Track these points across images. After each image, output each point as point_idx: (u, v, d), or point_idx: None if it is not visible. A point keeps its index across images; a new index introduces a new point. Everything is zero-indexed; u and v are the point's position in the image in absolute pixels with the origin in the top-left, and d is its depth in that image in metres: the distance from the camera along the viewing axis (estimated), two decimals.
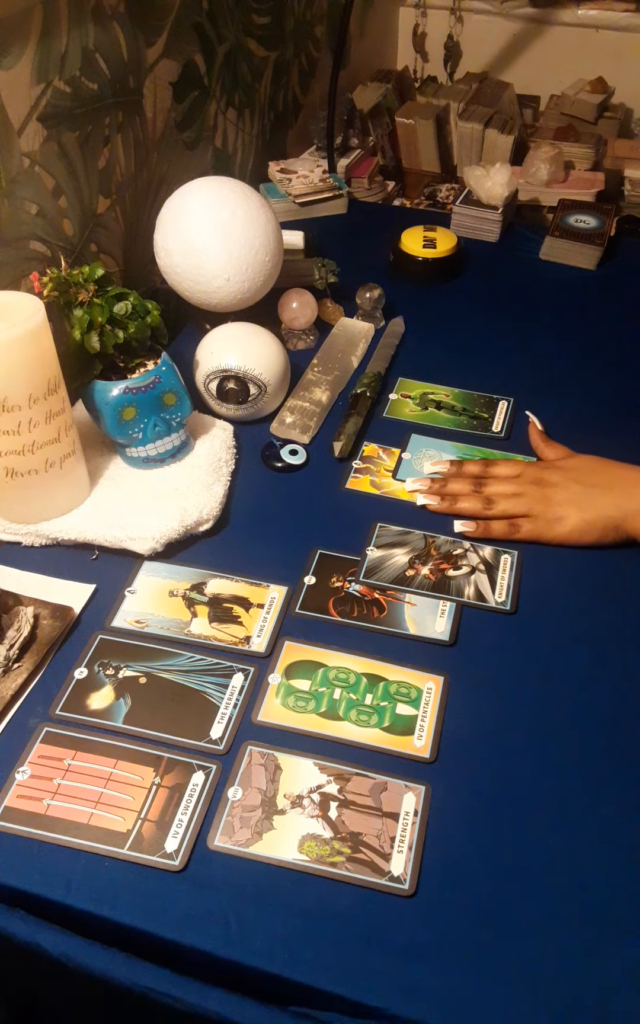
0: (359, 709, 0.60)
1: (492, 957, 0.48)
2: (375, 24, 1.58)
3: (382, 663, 0.63)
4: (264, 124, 1.25)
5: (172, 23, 0.95)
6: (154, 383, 0.71)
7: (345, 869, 0.51)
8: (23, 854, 0.52)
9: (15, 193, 0.78)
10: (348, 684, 0.61)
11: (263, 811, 0.54)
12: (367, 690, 0.61)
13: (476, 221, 1.13)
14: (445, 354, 0.93)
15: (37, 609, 0.64)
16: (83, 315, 0.67)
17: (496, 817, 0.54)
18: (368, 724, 0.59)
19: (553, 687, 0.61)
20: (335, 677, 0.62)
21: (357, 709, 0.60)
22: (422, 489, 0.75)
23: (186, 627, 0.65)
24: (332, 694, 0.61)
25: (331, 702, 0.60)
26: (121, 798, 0.55)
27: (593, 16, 1.54)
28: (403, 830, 0.53)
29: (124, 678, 0.61)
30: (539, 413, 0.84)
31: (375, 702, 0.60)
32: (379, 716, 0.59)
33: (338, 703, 0.60)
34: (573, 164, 1.34)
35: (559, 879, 0.52)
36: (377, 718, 0.59)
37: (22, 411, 0.62)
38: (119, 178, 0.94)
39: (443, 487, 0.75)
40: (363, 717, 0.59)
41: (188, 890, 0.51)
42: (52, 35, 0.77)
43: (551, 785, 0.56)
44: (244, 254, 0.82)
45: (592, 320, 0.99)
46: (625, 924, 0.50)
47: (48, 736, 0.58)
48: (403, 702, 0.60)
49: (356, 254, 1.07)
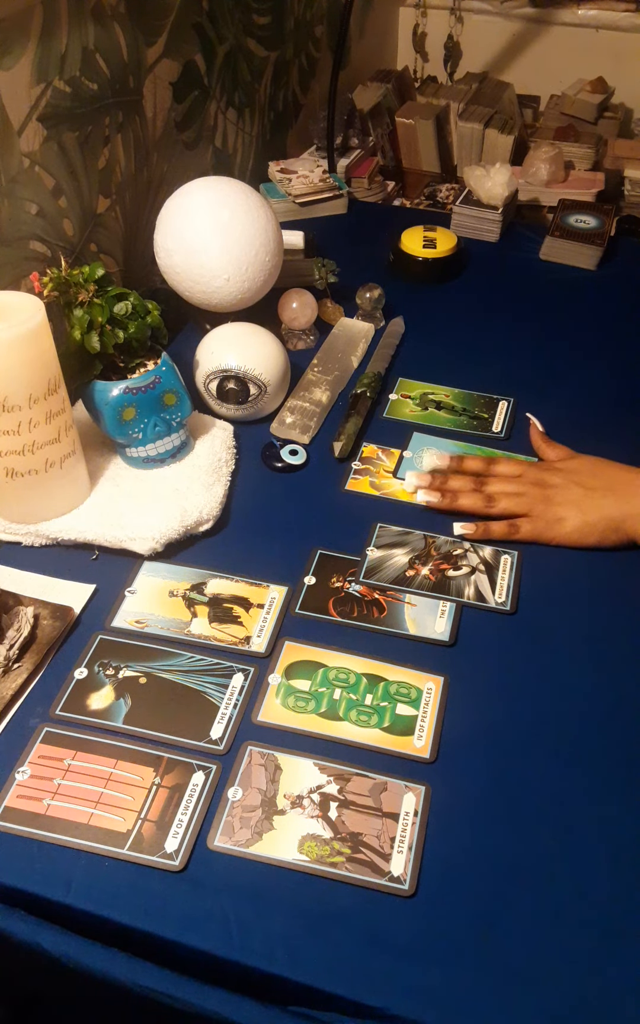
0: (359, 709, 0.60)
1: (492, 957, 0.48)
2: (375, 24, 1.58)
3: (382, 663, 0.63)
4: (264, 124, 1.25)
5: (172, 23, 0.95)
6: (154, 383, 0.71)
7: (345, 869, 0.51)
8: (23, 854, 0.52)
9: (15, 193, 0.78)
10: (348, 684, 0.61)
11: (263, 811, 0.54)
12: (367, 690, 0.61)
13: (476, 221, 1.13)
14: (445, 354, 0.93)
15: (37, 609, 0.64)
16: (83, 315, 0.67)
17: (496, 817, 0.54)
18: (368, 724, 0.59)
19: (553, 687, 0.61)
20: (335, 677, 0.62)
21: (357, 709, 0.60)
22: (422, 485, 0.75)
23: (186, 627, 0.65)
24: (332, 694, 0.61)
25: (331, 702, 0.60)
26: (121, 798, 0.55)
27: (593, 16, 1.53)
28: (403, 830, 0.53)
29: (124, 678, 0.61)
30: (539, 413, 0.84)
31: (375, 702, 0.60)
32: (379, 716, 0.59)
33: (338, 703, 0.60)
34: (573, 164, 1.34)
35: (559, 879, 0.52)
36: (377, 718, 0.59)
37: (22, 411, 0.62)
38: (119, 178, 0.94)
39: (444, 483, 0.75)
40: (363, 717, 0.59)
41: (188, 890, 0.51)
42: (52, 35, 0.77)
43: (551, 785, 0.56)
44: (244, 254, 0.82)
45: (592, 320, 0.99)
46: (626, 923, 0.50)
47: (48, 736, 0.58)
48: (403, 702, 0.60)
49: (356, 254, 1.07)
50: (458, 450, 0.80)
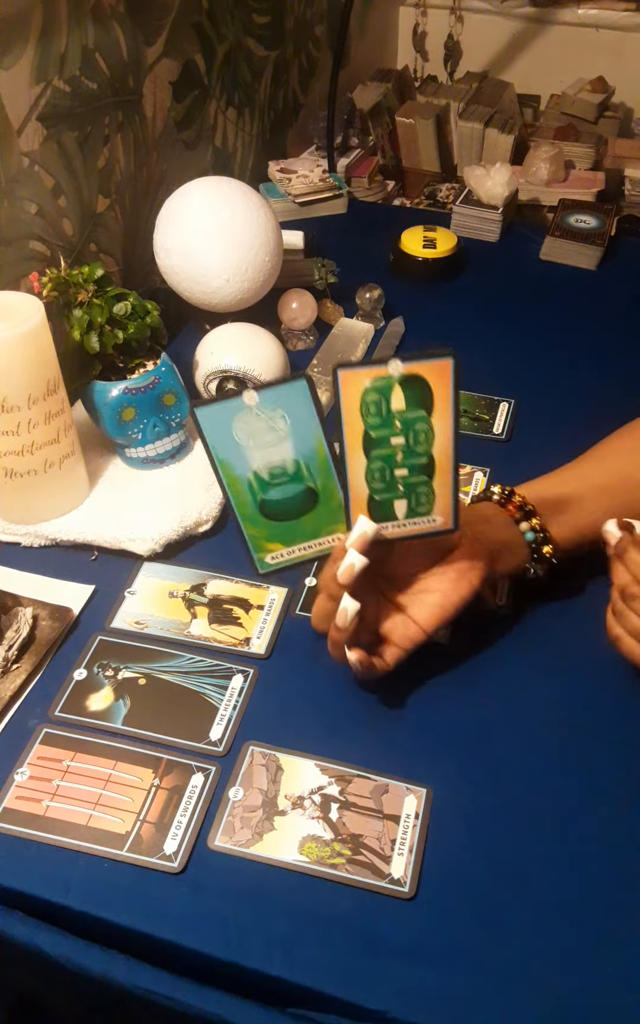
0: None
1: (492, 960, 0.48)
2: (375, 23, 1.58)
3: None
4: (264, 124, 1.25)
5: (172, 22, 0.95)
6: (153, 384, 0.71)
7: (345, 871, 0.51)
8: (22, 855, 0.52)
9: (14, 192, 0.78)
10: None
11: (264, 812, 0.54)
12: None
13: (476, 221, 1.13)
14: None
15: (36, 610, 0.64)
16: (82, 315, 0.67)
17: (497, 820, 0.54)
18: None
19: (553, 688, 0.61)
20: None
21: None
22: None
23: (186, 628, 0.65)
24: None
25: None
26: (120, 799, 0.54)
27: (593, 15, 1.53)
28: (404, 832, 0.53)
29: (123, 679, 0.61)
30: (540, 414, 0.84)
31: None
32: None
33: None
34: (573, 164, 1.34)
35: (559, 882, 0.51)
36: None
37: (21, 412, 0.62)
38: (119, 178, 0.93)
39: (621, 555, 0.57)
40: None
41: (187, 892, 0.51)
42: (52, 34, 0.77)
43: (552, 787, 0.56)
44: (244, 254, 0.82)
45: (593, 320, 0.99)
46: (625, 927, 0.50)
47: (47, 737, 0.58)
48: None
49: (356, 254, 1.07)
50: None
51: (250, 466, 0.53)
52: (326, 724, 0.59)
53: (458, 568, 0.58)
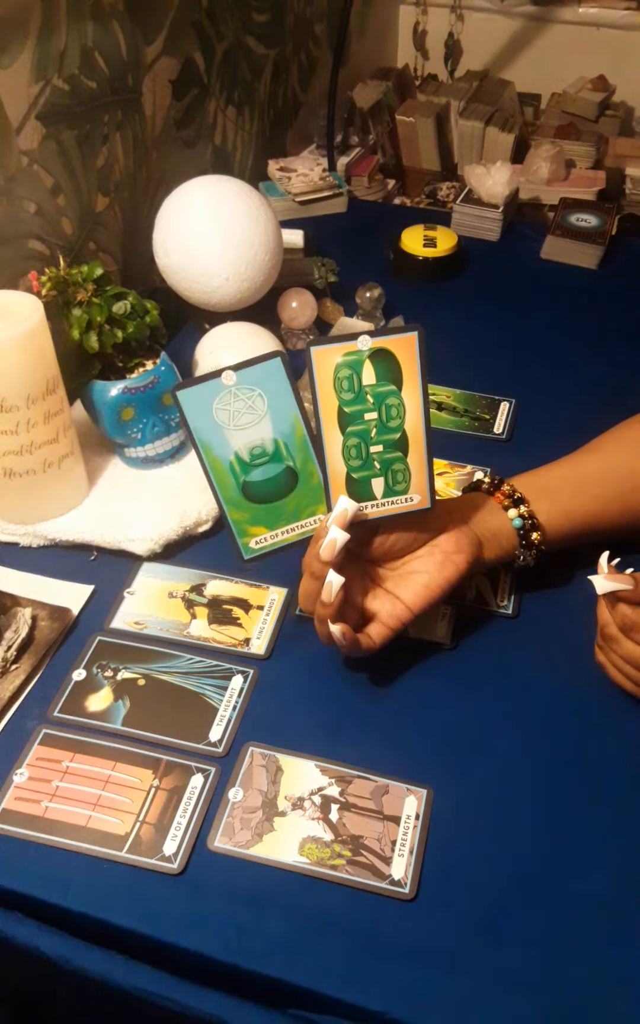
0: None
1: (492, 962, 0.48)
2: (375, 22, 1.58)
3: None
4: (264, 122, 1.25)
5: (171, 21, 0.95)
6: (153, 383, 0.70)
7: (345, 872, 0.51)
8: (21, 857, 0.52)
9: (13, 191, 0.78)
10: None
11: (264, 812, 0.54)
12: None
13: (477, 220, 1.13)
14: (445, 354, 0.92)
15: (35, 610, 0.64)
16: (82, 315, 0.67)
17: (497, 821, 0.54)
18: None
19: (554, 690, 0.61)
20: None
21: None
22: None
23: (185, 629, 0.65)
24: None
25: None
26: (119, 800, 0.54)
27: (594, 14, 1.53)
28: (404, 834, 0.53)
29: (123, 680, 0.61)
30: (540, 414, 0.84)
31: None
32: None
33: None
34: (574, 162, 1.34)
35: (560, 883, 0.51)
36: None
37: (20, 411, 0.62)
38: (118, 176, 0.93)
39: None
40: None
41: (187, 893, 0.51)
42: (51, 33, 0.77)
43: (552, 788, 0.56)
44: (243, 253, 0.82)
45: (594, 320, 0.99)
46: (625, 927, 0.50)
47: (46, 738, 0.58)
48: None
49: (356, 253, 1.07)
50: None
51: (231, 447, 0.54)
52: (326, 725, 0.59)
53: (445, 551, 0.59)
